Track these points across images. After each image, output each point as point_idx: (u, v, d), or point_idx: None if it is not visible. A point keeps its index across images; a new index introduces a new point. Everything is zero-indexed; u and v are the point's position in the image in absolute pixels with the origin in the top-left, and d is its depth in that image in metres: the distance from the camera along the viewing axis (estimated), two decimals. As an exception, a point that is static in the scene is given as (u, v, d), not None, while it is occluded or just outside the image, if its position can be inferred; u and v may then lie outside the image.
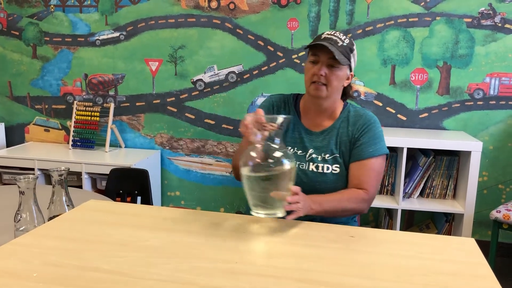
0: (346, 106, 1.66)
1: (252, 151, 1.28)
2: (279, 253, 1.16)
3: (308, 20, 2.89)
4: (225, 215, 1.44)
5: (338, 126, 1.62)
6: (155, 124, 3.20)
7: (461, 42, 2.75)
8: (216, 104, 3.10)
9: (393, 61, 2.85)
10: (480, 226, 2.89)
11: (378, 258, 1.16)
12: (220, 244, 1.20)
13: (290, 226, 1.34)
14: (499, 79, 2.75)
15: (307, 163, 1.59)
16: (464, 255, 1.19)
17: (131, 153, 3.13)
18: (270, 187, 1.25)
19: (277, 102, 1.69)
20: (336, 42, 1.51)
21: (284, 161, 1.26)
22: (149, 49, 3.11)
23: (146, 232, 1.27)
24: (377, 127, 1.61)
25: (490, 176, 2.85)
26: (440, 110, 2.85)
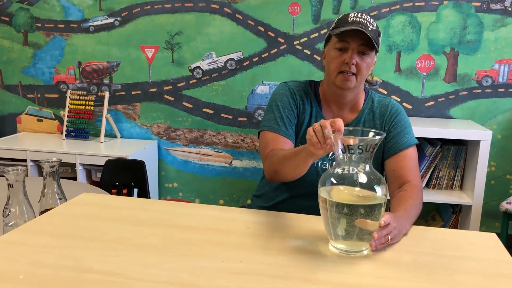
0: (368, 95, 1.53)
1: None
2: (287, 251, 1.07)
3: (310, 4, 2.78)
4: (228, 209, 1.34)
5: (363, 119, 1.50)
6: (151, 113, 3.09)
7: (469, 27, 2.65)
8: (214, 93, 2.99)
9: (399, 47, 2.75)
10: (487, 217, 2.81)
11: (394, 256, 1.07)
12: (223, 241, 1.11)
13: (299, 222, 1.25)
14: (508, 66, 2.65)
15: (330, 162, 1.47)
16: (487, 251, 1.10)
17: (127, 143, 3.02)
18: (363, 218, 1.03)
19: (297, 91, 1.53)
20: (367, 27, 1.36)
21: (378, 188, 1.04)
22: (145, 35, 3.00)
23: (144, 228, 1.18)
24: (405, 114, 1.51)
25: (498, 167, 2.77)
26: (447, 98, 2.76)
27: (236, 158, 3.04)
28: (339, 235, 1.06)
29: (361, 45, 1.37)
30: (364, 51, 1.39)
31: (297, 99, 1.51)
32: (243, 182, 3.05)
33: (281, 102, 1.51)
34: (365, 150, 1.03)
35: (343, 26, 1.37)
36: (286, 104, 1.50)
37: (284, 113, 1.49)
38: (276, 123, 1.48)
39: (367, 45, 1.37)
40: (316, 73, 2.84)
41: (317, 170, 1.47)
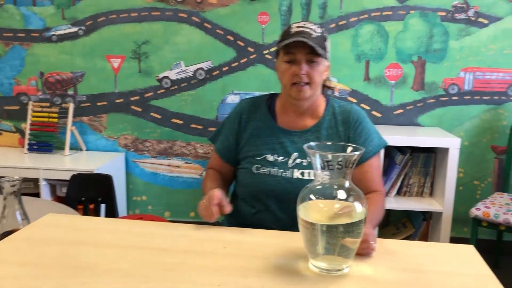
0: (329, 101, 1.52)
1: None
2: (267, 271, 1.03)
3: (280, 13, 2.77)
4: (203, 227, 1.29)
5: (325, 126, 1.48)
6: (118, 125, 3.00)
7: (435, 36, 2.70)
8: (183, 103, 2.93)
9: (367, 56, 2.77)
10: (456, 223, 2.85)
11: (376, 273, 1.04)
12: (199, 264, 1.06)
13: (278, 239, 1.21)
14: (473, 74, 2.71)
15: (291, 170, 1.43)
16: (467, 265, 1.09)
17: (93, 156, 2.92)
18: (343, 236, 1.00)
19: (248, 108, 1.53)
20: (310, 35, 1.36)
21: (358, 204, 1.02)
22: (111, 45, 2.91)
23: (113, 252, 1.11)
24: (367, 120, 1.50)
25: (466, 173, 2.81)
26: (415, 106, 2.79)
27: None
28: (319, 254, 1.03)
29: (308, 54, 1.36)
30: (312, 59, 1.38)
31: (242, 119, 1.52)
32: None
33: (228, 121, 1.56)
34: (344, 165, 1.00)
35: (286, 38, 1.37)
36: (229, 123, 1.55)
37: (223, 130, 1.56)
38: (217, 138, 1.58)
39: (313, 53, 1.36)
40: (287, 82, 2.82)
41: (277, 180, 1.43)
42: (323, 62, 1.41)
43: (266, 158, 1.44)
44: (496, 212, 2.26)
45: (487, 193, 2.81)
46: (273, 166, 1.43)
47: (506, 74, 2.68)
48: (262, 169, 1.43)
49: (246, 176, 1.47)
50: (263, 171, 1.43)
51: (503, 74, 2.68)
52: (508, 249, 2.85)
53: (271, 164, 1.44)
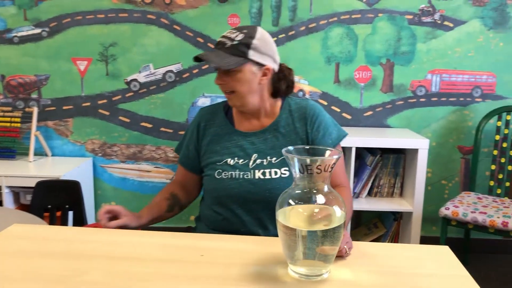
0: (284, 101, 1.51)
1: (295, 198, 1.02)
2: (246, 279, 1.01)
3: (250, 16, 2.75)
4: (178, 234, 1.26)
5: (282, 124, 1.47)
6: (85, 129, 2.92)
7: (403, 39, 2.74)
8: (153, 106, 2.88)
9: (337, 58, 2.79)
10: (425, 222, 2.90)
11: (355, 277, 1.04)
12: (175, 273, 1.03)
13: (255, 244, 1.19)
14: (440, 76, 2.77)
15: (252, 171, 1.42)
16: (444, 266, 1.10)
17: (59, 162, 2.82)
18: (323, 241, 0.99)
19: (206, 116, 1.54)
20: (224, 44, 1.36)
21: (337, 208, 1.01)
22: (76, 47, 2.83)
23: (84, 263, 1.07)
24: (324, 113, 1.49)
25: (434, 173, 2.87)
26: (384, 108, 2.83)
27: (177, 174, 2.93)
28: (299, 259, 1.02)
29: None
30: (224, 69, 1.37)
31: (200, 127, 1.53)
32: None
33: (188, 130, 1.58)
34: (323, 170, 0.99)
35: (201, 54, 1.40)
36: (189, 132, 1.56)
37: (185, 140, 1.58)
38: (180, 148, 1.60)
39: None
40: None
41: (239, 182, 1.41)
42: (246, 69, 1.37)
43: (227, 162, 1.44)
44: (464, 211, 2.31)
45: (454, 192, 2.87)
46: (234, 170, 1.42)
47: (471, 76, 2.75)
48: (224, 173, 1.43)
49: (210, 182, 1.47)
50: (225, 175, 1.42)
51: (468, 76, 2.75)
52: (475, 246, 2.92)
53: (232, 167, 1.43)
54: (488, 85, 2.75)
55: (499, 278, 2.63)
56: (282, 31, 2.76)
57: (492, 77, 2.75)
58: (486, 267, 2.76)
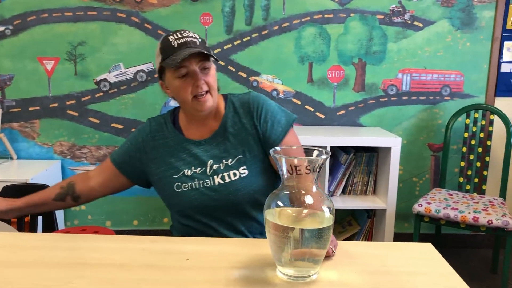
0: (227, 98, 1.47)
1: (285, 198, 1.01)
2: (234, 283, 0.99)
3: (223, 15, 2.72)
4: (159, 239, 1.23)
5: (230, 123, 1.42)
6: (53, 131, 2.82)
7: (374, 38, 2.78)
8: (124, 107, 2.81)
9: (310, 58, 2.80)
10: (397, 219, 2.96)
11: (343, 278, 1.03)
12: (162, 279, 1.00)
13: (242, 247, 1.17)
14: (410, 75, 2.82)
15: (211, 178, 1.38)
16: (429, 264, 1.12)
17: (26, 165, 2.72)
18: (312, 241, 0.98)
19: (154, 127, 1.46)
20: (195, 42, 1.32)
21: (326, 209, 1.00)
22: (43, 46, 2.73)
23: (67, 271, 1.02)
24: (268, 102, 1.44)
25: (405, 170, 2.93)
26: (357, 107, 2.86)
27: (150, 175, 2.88)
28: (287, 261, 1.01)
29: (200, 61, 1.32)
30: (205, 66, 1.33)
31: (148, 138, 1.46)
32: (158, 200, 2.87)
33: (132, 138, 1.49)
34: (312, 170, 0.98)
35: (173, 54, 1.30)
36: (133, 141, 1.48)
37: (125, 146, 1.49)
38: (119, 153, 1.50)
39: (205, 60, 1.33)
40: (231, 84, 2.79)
41: (200, 192, 1.37)
42: (213, 65, 1.38)
43: (185, 173, 1.39)
44: (437, 208, 2.36)
45: (425, 189, 2.94)
46: (193, 180, 1.38)
47: (440, 75, 2.82)
48: (184, 185, 1.38)
49: (171, 197, 1.41)
50: (185, 187, 1.38)
51: (437, 75, 2.82)
52: (446, 241, 3.00)
53: (190, 178, 1.38)
54: (456, 84, 2.83)
55: (469, 272, 2.70)
56: (255, 30, 2.75)
57: (460, 76, 2.82)
58: (456, 261, 2.83)
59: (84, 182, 1.49)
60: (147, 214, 2.92)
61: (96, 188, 1.49)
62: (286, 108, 2.85)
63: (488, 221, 2.24)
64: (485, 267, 2.78)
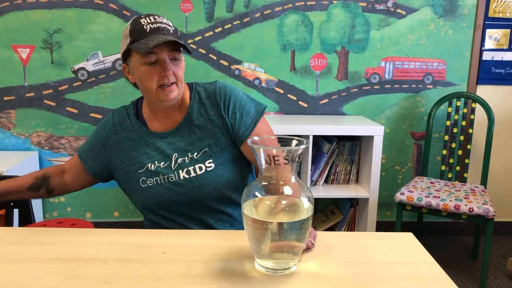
0: (192, 88, 1.41)
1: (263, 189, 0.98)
2: (211, 276, 0.96)
3: (203, 1, 2.67)
4: (135, 232, 1.19)
5: (195, 115, 1.37)
6: (29, 121, 2.75)
7: (357, 26, 2.75)
8: (103, 96, 2.75)
9: (293, 46, 2.76)
10: (380, 207, 2.97)
11: (324, 269, 1.02)
12: (136, 274, 0.97)
13: (219, 239, 1.15)
14: (393, 63, 2.81)
15: (176, 173, 1.33)
16: (410, 254, 1.10)
17: (2, 156, 2.64)
18: (291, 233, 0.96)
19: (117, 119, 1.41)
20: (168, 30, 1.26)
21: (305, 199, 0.98)
22: (17, 33, 2.64)
23: (36, 267, 0.99)
24: (236, 91, 1.38)
25: (388, 159, 2.92)
26: (340, 96, 2.84)
27: (130, 166, 2.83)
28: (266, 253, 0.98)
29: (171, 51, 1.26)
30: (175, 57, 1.28)
31: (111, 131, 1.40)
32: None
33: (97, 132, 1.44)
34: (291, 160, 0.96)
35: (144, 38, 1.23)
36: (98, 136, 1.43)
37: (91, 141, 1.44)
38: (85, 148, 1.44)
39: (176, 50, 1.26)
40: (213, 72, 2.74)
41: (166, 187, 1.33)
42: (183, 56, 1.32)
43: (148, 168, 1.34)
44: (419, 196, 2.37)
45: (407, 177, 2.94)
46: (157, 175, 1.33)
47: (423, 64, 2.81)
48: (149, 180, 1.33)
49: (137, 193, 1.36)
50: (150, 182, 1.33)
51: (420, 63, 2.81)
52: (428, 229, 3.02)
53: (154, 173, 1.33)
54: (439, 72, 2.82)
55: (450, 259, 2.73)
56: (237, 17, 2.70)
57: (442, 64, 2.82)
58: (438, 249, 2.85)
59: (59, 176, 1.44)
60: (128, 205, 2.88)
61: (69, 183, 1.44)
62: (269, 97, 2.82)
63: (469, 209, 2.25)
64: (466, 254, 2.81)
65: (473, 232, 3.03)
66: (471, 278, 2.50)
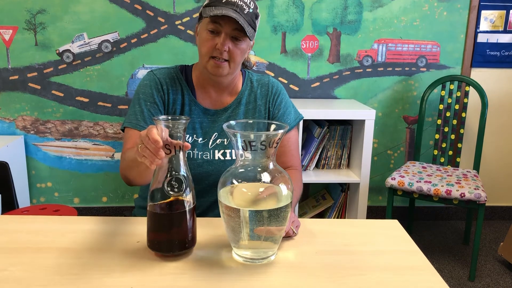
0: (245, 75, 1.42)
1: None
2: (187, 266, 0.92)
3: (191, -19, 2.59)
4: (109, 219, 1.15)
5: (244, 101, 1.39)
6: (14, 104, 2.68)
7: (349, 7, 2.68)
8: (89, 79, 2.68)
9: (284, 27, 2.69)
10: (371, 192, 2.93)
11: (303, 259, 0.98)
12: (108, 264, 0.93)
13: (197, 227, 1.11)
14: (386, 46, 2.75)
15: (211, 151, 1.33)
16: (395, 243, 1.07)
17: (-14, 141, 2.59)
18: (269, 221, 0.92)
19: (164, 80, 1.34)
20: (242, 9, 1.22)
21: (283, 186, 0.95)
22: (-1, 14, 2.57)
23: (2, 257, 0.94)
24: (285, 93, 1.45)
25: (380, 143, 2.88)
26: (331, 79, 2.78)
27: (118, 151, 2.78)
28: (243, 243, 0.95)
29: (235, 29, 1.22)
30: (237, 36, 1.24)
31: (163, 89, 1.33)
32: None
33: (144, 95, 1.32)
34: (268, 146, 0.91)
35: (215, 6, 1.21)
36: (149, 96, 1.32)
37: (145, 106, 1.31)
38: (135, 118, 1.30)
39: (241, 31, 1.22)
40: (201, 55, 2.67)
41: (198, 163, 1.32)
42: (248, 40, 1.28)
43: (186, 138, 1.32)
44: (410, 181, 2.33)
45: (400, 162, 2.91)
46: (192, 149, 1.32)
47: (416, 46, 2.75)
48: None
49: None
50: None
51: (414, 46, 2.75)
52: (419, 214, 2.99)
53: (191, 146, 1.31)
54: (433, 55, 2.77)
55: (442, 243, 2.71)
56: (226, -2, 2.62)
57: (436, 47, 2.76)
58: (429, 234, 2.83)
59: None
60: (117, 190, 2.83)
61: None
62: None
63: (460, 194, 2.22)
64: (457, 238, 2.79)
65: (464, 217, 3.00)
66: (462, 263, 2.48)
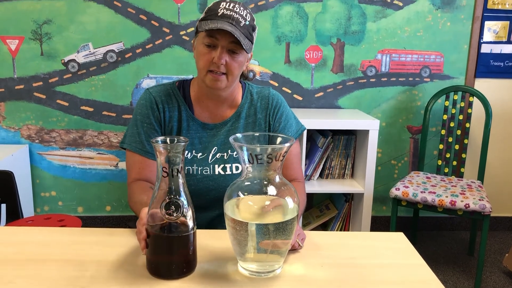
0: (245, 88, 1.41)
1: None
2: (192, 279, 0.92)
3: (196, -8, 2.61)
4: (116, 231, 1.15)
5: (244, 115, 1.38)
6: (19, 114, 2.70)
7: (353, 18, 2.69)
8: (94, 88, 2.69)
9: (288, 38, 2.71)
10: (375, 202, 2.93)
11: (309, 271, 0.98)
12: (114, 276, 0.93)
13: (200, 239, 1.11)
14: (389, 56, 2.76)
15: (211, 166, 1.32)
16: (400, 256, 1.06)
17: (-9, 150, 2.60)
18: (275, 235, 0.92)
19: (160, 98, 1.34)
20: (239, 22, 1.22)
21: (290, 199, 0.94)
22: (6, 24, 2.58)
23: (8, 269, 0.95)
24: (286, 105, 1.44)
25: (384, 153, 2.88)
26: (335, 89, 2.79)
27: (122, 160, 2.78)
28: (249, 255, 0.94)
29: (231, 43, 1.22)
30: (234, 49, 1.23)
31: (159, 109, 1.33)
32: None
33: (141, 116, 1.33)
34: (274, 159, 0.91)
35: (211, 19, 1.21)
36: (145, 117, 1.33)
37: (143, 128, 1.32)
38: (137, 141, 1.31)
39: (237, 44, 1.22)
40: (205, 65, 2.68)
41: (197, 179, 1.31)
42: (245, 53, 1.28)
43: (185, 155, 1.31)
44: (414, 191, 2.32)
45: (404, 172, 2.90)
46: (192, 164, 1.31)
47: (420, 56, 2.76)
48: None
49: None
50: None
51: (417, 56, 2.76)
52: (423, 224, 2.98)
53: (189, 162, 1.31)
54: (436, 65, 2.77)
55: (446, 254, 2.69)
56: (230, 8, 2.64)
57: (440, 57, 2.76)
58: (434, 244, 2.82)
59: None
60: (121, 199, 2.84)
61: None
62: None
63: (465, 205, 2.21)
64: (462, 249, 2.77)
65: (469, 228, 2.99)
66: (467, 274, 2.47)
